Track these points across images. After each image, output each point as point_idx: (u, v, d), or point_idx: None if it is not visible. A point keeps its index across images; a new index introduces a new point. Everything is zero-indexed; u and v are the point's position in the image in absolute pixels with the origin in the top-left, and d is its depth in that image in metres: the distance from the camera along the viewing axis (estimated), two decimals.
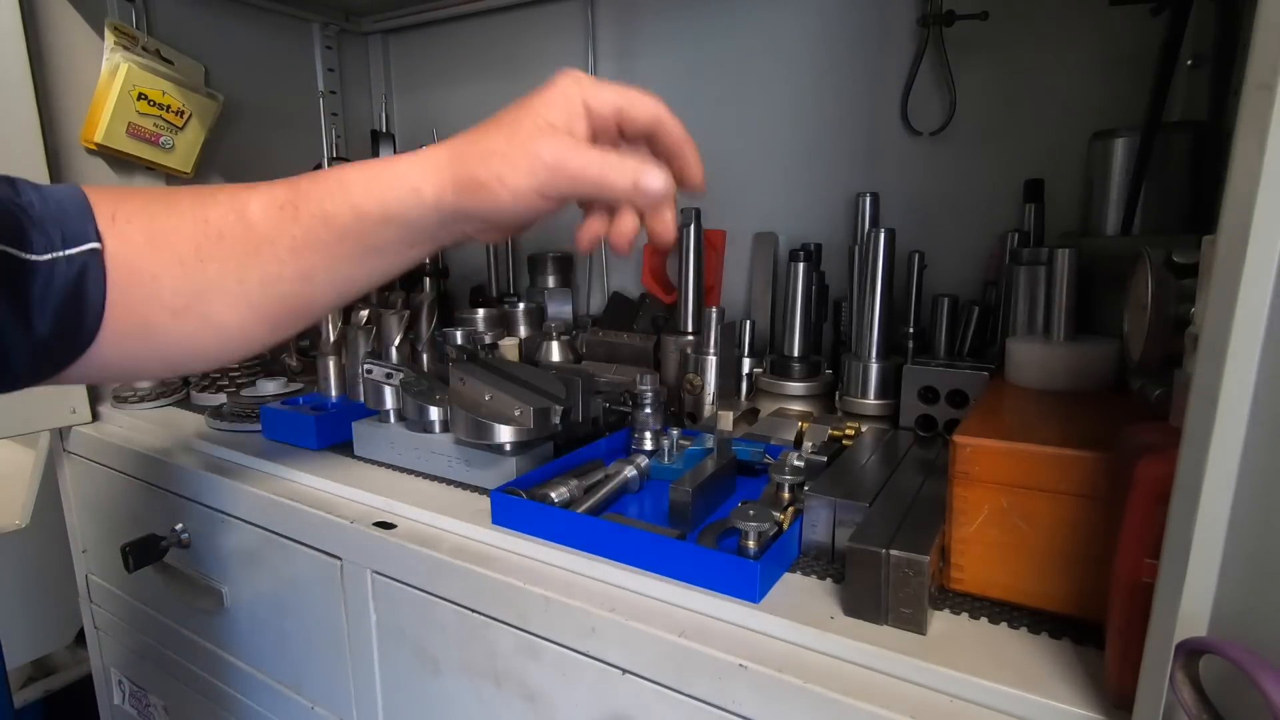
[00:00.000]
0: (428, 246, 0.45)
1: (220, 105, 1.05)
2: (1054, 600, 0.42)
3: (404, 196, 0.41)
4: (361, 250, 0.43)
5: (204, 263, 0.40)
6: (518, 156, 0.40)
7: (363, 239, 0.42)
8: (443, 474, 0.67)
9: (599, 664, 0.48)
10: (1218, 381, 0.27)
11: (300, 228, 0.41)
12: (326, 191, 0.41)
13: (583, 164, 0.40)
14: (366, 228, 0.42)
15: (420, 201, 0.41)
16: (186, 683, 0.84)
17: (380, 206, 0.41)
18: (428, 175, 0.41)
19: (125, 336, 0.40)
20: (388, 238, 0.42)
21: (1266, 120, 0.25)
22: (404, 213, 0.41)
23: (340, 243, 0.42)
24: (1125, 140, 0.65)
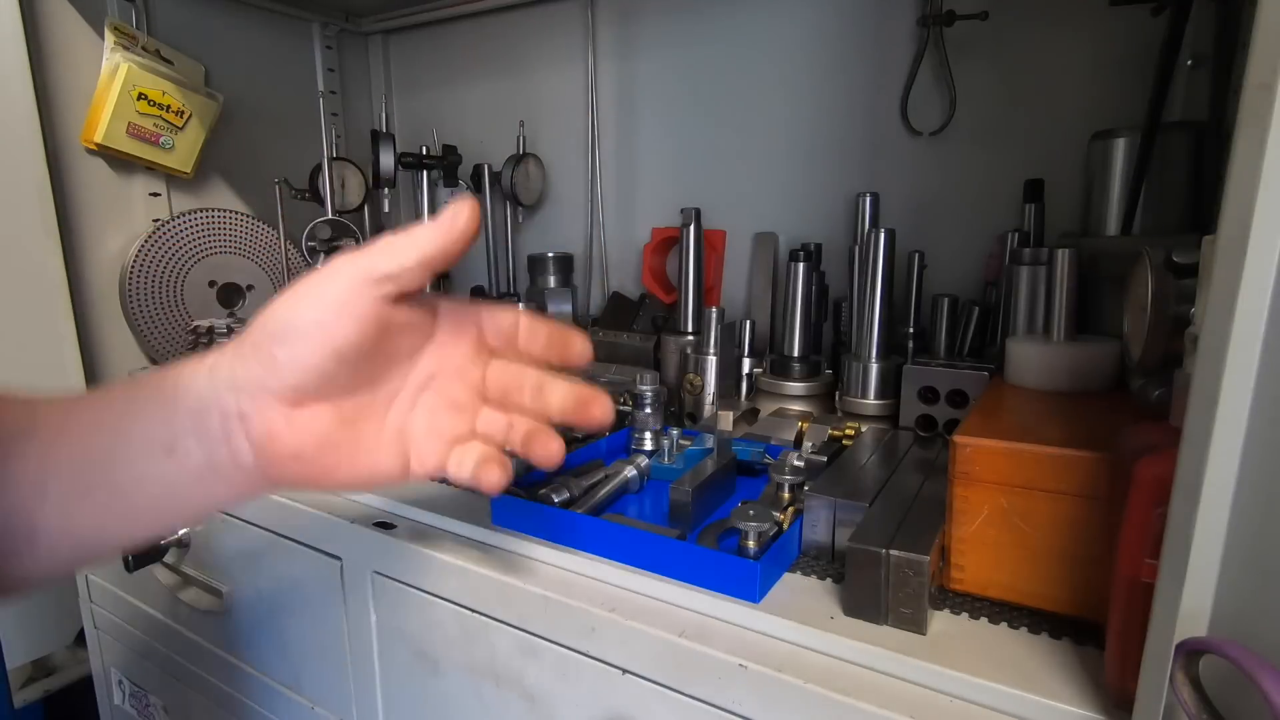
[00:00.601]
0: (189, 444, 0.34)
1: (220, 105, 1.05)
2: (1054, 600, 0.42)
3: (180, 366, 0.36)
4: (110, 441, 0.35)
5: None
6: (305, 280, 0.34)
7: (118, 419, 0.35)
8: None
9: (599, 664, 0.48)
10: (1218, 381, 0.27)
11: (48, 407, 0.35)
12: (95, 390, 0.36)
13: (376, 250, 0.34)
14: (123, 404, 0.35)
15: (196, 364, 0.35)
16: (186, 683, 0.84)
17: (149, 381, 0.36)
18: (218, 350, 0.35)
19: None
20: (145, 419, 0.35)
21: (1266, 120, 0.25)
22: (171, 380, 0.35)
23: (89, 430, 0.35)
24: (1125, 140, 0.65)
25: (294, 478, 0.35)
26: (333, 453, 0.35)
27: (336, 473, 0.35)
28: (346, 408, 0.35)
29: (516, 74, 1.19)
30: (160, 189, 1.03)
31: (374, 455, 0.36)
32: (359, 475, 0.36)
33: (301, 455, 0.34)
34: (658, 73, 1.07)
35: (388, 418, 0.36)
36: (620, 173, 1.14)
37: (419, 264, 0.33)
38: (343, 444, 0.35)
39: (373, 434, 0.36)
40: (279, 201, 1.02)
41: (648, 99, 1.09)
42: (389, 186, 1.08)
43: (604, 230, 1.16)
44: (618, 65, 1.10)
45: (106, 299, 0.97)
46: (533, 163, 1.15)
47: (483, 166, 1.13)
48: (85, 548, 0.35)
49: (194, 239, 1.03)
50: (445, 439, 0.37)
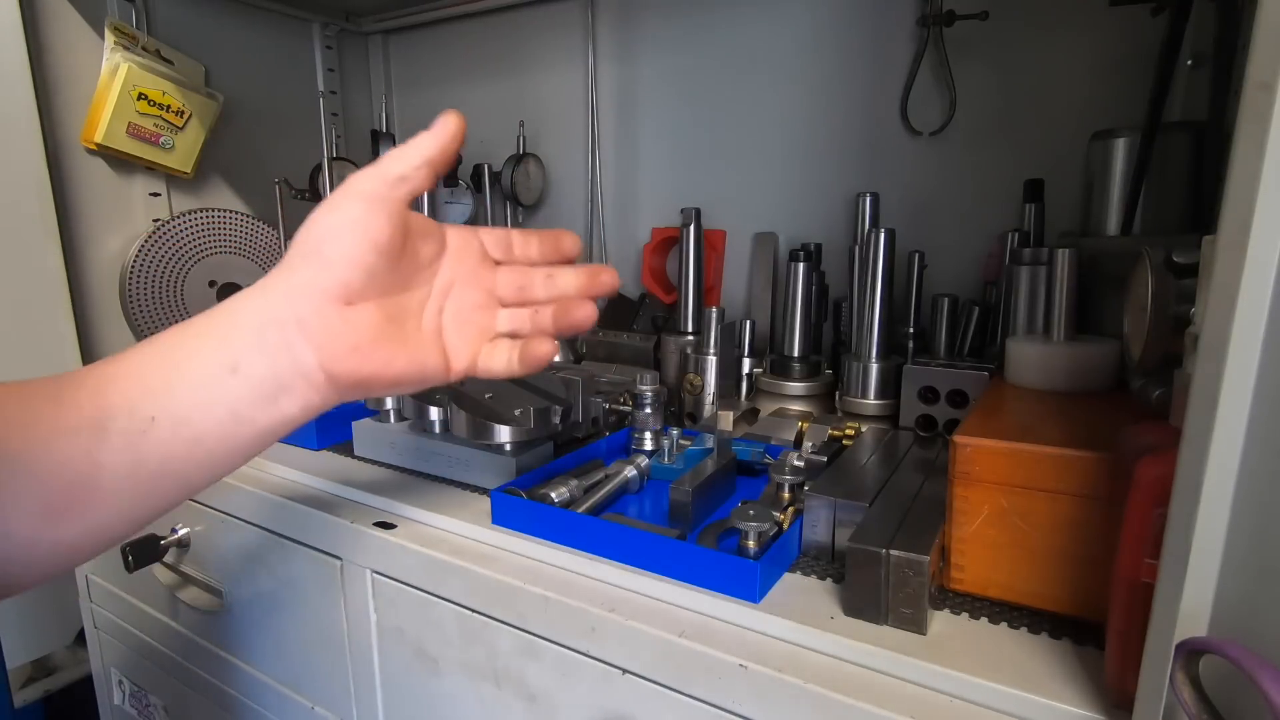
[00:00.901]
0: (252, 358, 0.36)
1: (220, 105, 1.05)
2: (1054, 600, 0.42)
3: (234, 296, 0.38)
4: (170, 368, 0.36)
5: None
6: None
7: (175, 348, 0.37)
8: (443, 474, 0.67)
9: (599, 664, 0.48)
10: (1218, 381, 0.27)
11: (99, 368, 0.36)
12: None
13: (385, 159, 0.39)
14: (181, 333, 0.37)
15: (247, 290, 0.38)
16: (186, 683, 0.84)
17: (207, 313, 0.38)
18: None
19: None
20: (205, 340, 0.37)
21: (1266, 120, 0.25)
22: (227, 306, 0.38)
23: (143, 363, 0.36)
24: (1125, 140, 0.65)
25: (356, 373, 0.37)
26: (386, 344, 0.38)
27: (395, 363, 0.38)
28: (389, 305, 0.38)
29: (516, 74, 1.19)
30: (160, 189, 1.03)
31: (420, 351, 0.39)
32: (413, 368, 0.39)
33: (360, 347, 0.37)
34: (658, 73, 1.07)
35: (423, 318, 0.40)
36: (620, 173, 1.13)
37: (425, 164, 0.38)
38: (393, 337, 0.38)
39: (414, 331, 0.40)
40: (279, 201, 1.02)
41: (648, 99, 1.09)
42: None
43: (604, 230, 1.16)
44: (618, 65, 1.10)
45: (106, 299, 0.97)
46: (533, 163, 1.15)
47: (483, 166, 1.13)
48: (152, 492, 0.35)
49: (194, 239, 1.03)
50: (473, 338, 0.42)
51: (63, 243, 0.88)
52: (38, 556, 0.33)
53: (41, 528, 0.33)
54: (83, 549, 0.34)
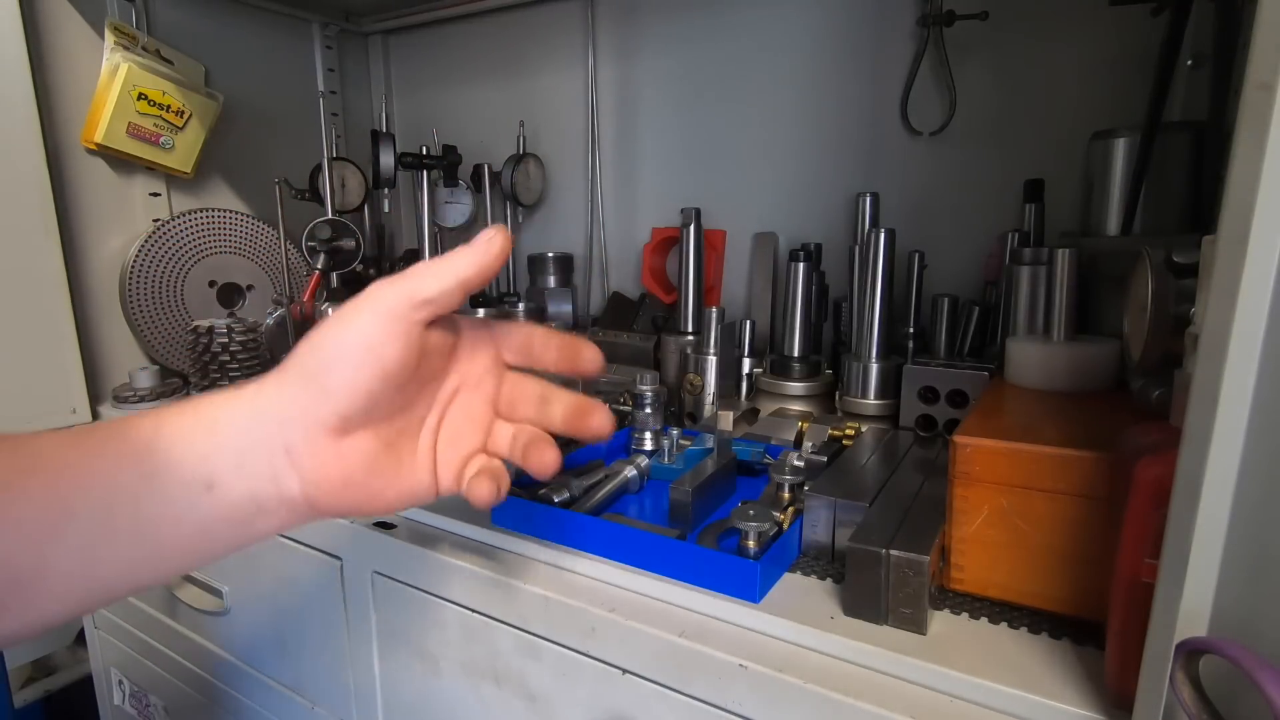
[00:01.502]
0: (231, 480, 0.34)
1: (220, 105, 1.05)
2: (1054, 600, 0.42)
3: (221, 396, 0.35)
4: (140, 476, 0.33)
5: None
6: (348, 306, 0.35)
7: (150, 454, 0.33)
8: None
9: (599, 664, 0.48)
10: (1218, 381, 0.27)
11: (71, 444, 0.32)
12: (140, 414, 0.35)
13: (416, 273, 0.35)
14: (160, 436, 0.34)
15: (237, 396, 0.35)
16: (186, 683, 0.84)
17: (189, 408, 0.35)
18: (256, 382, 0.35)
19: None
20: (184, 450, 0.34)
21: (1266, 120, 0.25)
22: (213, 411, 0.34)
23: (117, 461, 0.33)
24: (1125, 140, 0.65)
25: (342, 505, 0.35)
26: (379, 477, 0.35)
27: (384, 495, 0.36)
28: (387, 432, 0.35)
29: (516, 74, 1.20)
30: (160, 189, 1.03)
31: (413, 475, 0.37)
32: (402, 496, 0.37)
33: (351, 482, 0.35)
34: (658, 72, 1.07)
35: (420, 439, 0.37)
36: (620, 173, 1.13)
37: (458, 287, 0.34)
38: (387, 467, 0.36)
39: (409, 454, 0.37)
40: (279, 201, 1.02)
41: (648, 99, 1.09)
42: (389, 186, 1.08)
43: (604, 230, 1.16)
44: (618, 65, 1.10)
45: (106, 299, 0.97)
46: (533, 163, 1.15)
47: (483, 166, 1.13)
48: (102, 592, 0.33)
49: (194, 239, 1.03)
50: (463, 454, 0.38)
51: (63, 243, 0.88)
52: None
53: None
54: (14, 639, 0.32)
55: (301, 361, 0.34)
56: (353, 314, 0.33)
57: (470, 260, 0.34)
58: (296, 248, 1.07)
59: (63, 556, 0.30)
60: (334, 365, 0.33)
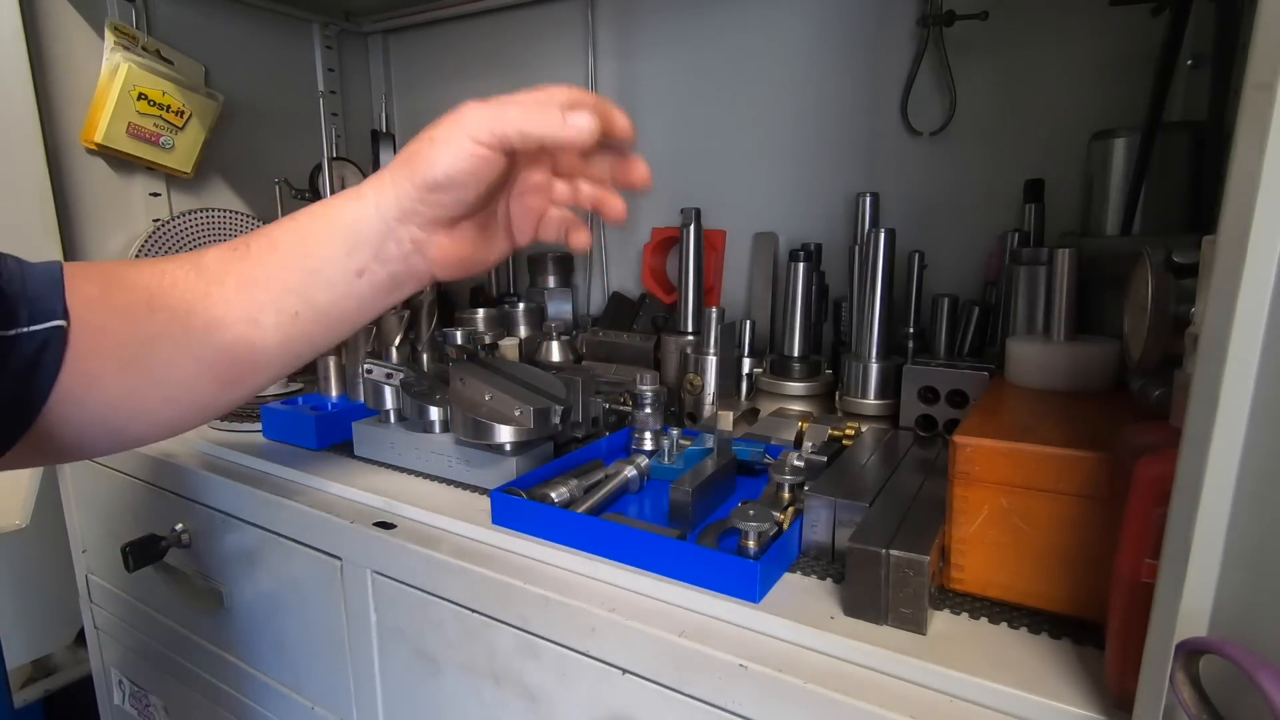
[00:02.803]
0: (374, 267, 0.45)
1: (220, 105, 1.05)
2: (1054, 600, 0.42)
3: (345, 202, 0.45)
4: (306, 274, 0.44)
5: (154, 311, 0.41)
6: (447, 123, 0.44)
7: (307, 257, 0.44)
8: (443, 474, 0.67)
9: (599, 664, 0.48)
10: (1218, 381, 0.27)
11: (249, 261, 0.43)
12: (277, 225, 0.45)
13: (510, 113, 0.44)
14: (309, 243, 0.44)
15: (360, 202, 0.44)
16: (186, 683, 0.84)
17: (323, 216, 0.44)
18: (369, 183, 0.45)
19: (69, 400, 0.39)
20: (332, 250, 0.44)
21: (1266, 120, 0.25)
22: (346, 218, 0.44)
23: (285, 269, 0.44)
24: (1125, 140, 0.65)
25: (459, 273, 0.48)
26: (483, 249, 0.48)
27: (487, 260, 0.49)
28: (481, 218, 0.48)
29: (517, 74, 1.19)
30: (160, 189, 1.03)
31: (502, 242, 0.50)
32: (493, 258, 0.50)
33: (464, 259, 0.47)
34: (658, 72, 1.07)
35: (498, 213, 0.49)
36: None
37: (535, 141, 0.43)
38: (486, 241, 0.49)
39: (497, 228, 0.50)
40: (279, 201, 1.02)
41: (648, 99, 1.09)
42: None
43: (604, 230, 1.16)
44: (618, 65, 1.10)
45: None
46: None
47: None
48: (294, 361, 0.47)
49: (194, 239, 1.03)
50: (534, 216, 0.51)
51: (63, 243, 0.88)
52: (212, 413, 0.46)
53: (219, 394, 0.44)
54: (242, 402, 0.46)
55: (411, 167, 0.43)
56: (452, 136, 0.42)
57: (549, 132, 0.43)
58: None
59: (263, 339, 0.44)
60: (444, 185, 0.43)
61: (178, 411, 0.44)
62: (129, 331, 0.40)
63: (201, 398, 0.44)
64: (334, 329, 0.47)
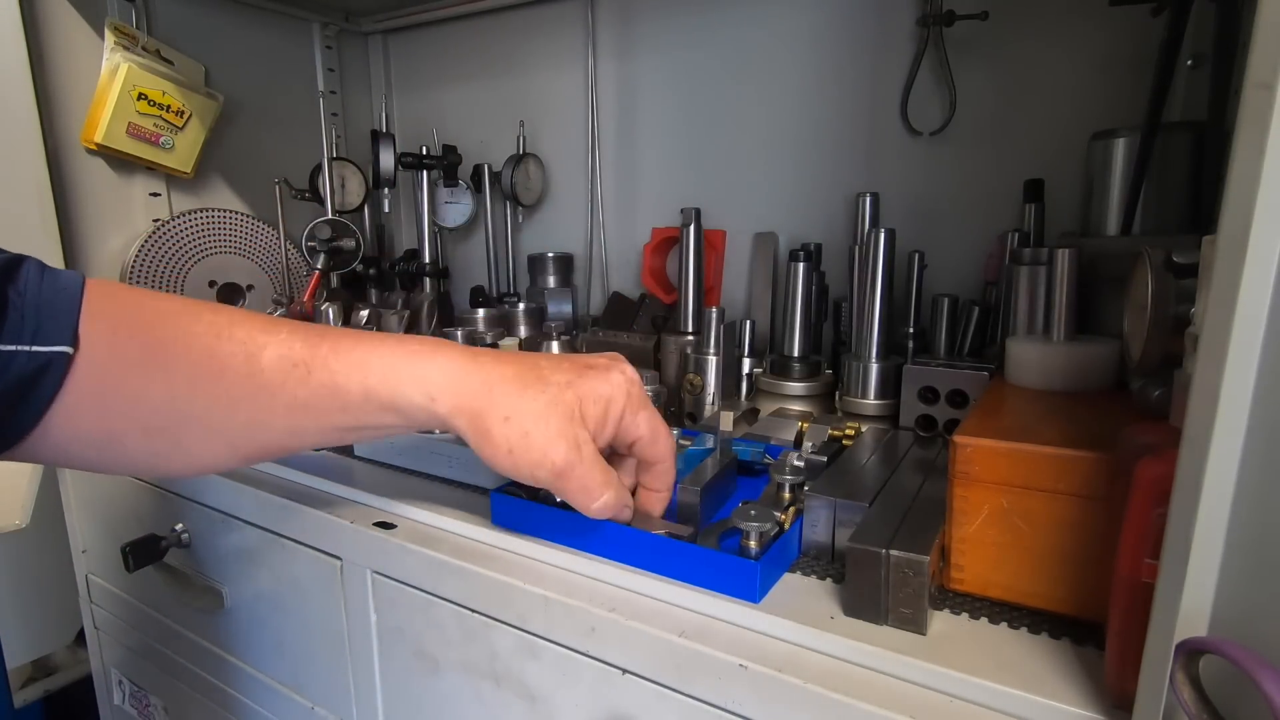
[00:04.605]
0: (411, 430, 0.45)
1: (220, 105, 1.05)
2: (1054, 600, 0.42)
3: (417, 399, 0.41)
4: (356, 420, 0.42)
5: (195, 396, 0.39)
6: (540, 440, 0.41)
7: (362, 417, 0.42)
8: (443, 474, 0.67)
9: (599, 664, 0.48)
10: (1218, 381, 0.27)
11: (306, 391, 0.40)
12: (346, 366, 0.41)
13: (575, 485, 0.43)
14: (369, 411, 0.42)
15: (429, 410, 0.42)
16: (186, 683, 0.84)
17: (392, 398, 0.41)
18: (447, 393, 0.41)
19: (86, 442, 0.38)
20: (384, 422, 0.43)
21: (1266, 120, 0.25)
22: (411, 412, 0.42)
23: (341, 412, 0.42)
24: (1125, 140, 0.65)
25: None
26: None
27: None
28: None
29: (516, 74, 1.19)
30: (160, 189, 1.03)
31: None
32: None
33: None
34: (658, 72, 1.07)
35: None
36: (620, 173, 1.13)
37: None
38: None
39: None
40: (279, 201, 1.02)
41: (648, 99, 1.09)
42: (389, 186, 1.08)
43: (604, 230, 1.16)
44: (618, 65, 1.10)
45: None
46: (533, 163, 1.15)
47: (483, 166, 1.13)
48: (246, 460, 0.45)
49: (194, 239, 1.03)
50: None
51: (63, 243, 0.88)
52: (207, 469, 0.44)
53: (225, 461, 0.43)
54: (168, 467, 0.43)
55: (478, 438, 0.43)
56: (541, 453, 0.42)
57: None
58: (296, 248, 1.07)
59: (305, 445, 0.44)
60: (479, 456, 0.44)
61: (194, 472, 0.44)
62: (165, 406, 0.39)
63: (221, 468, 0.44)
64: (357, 442, 0.52)
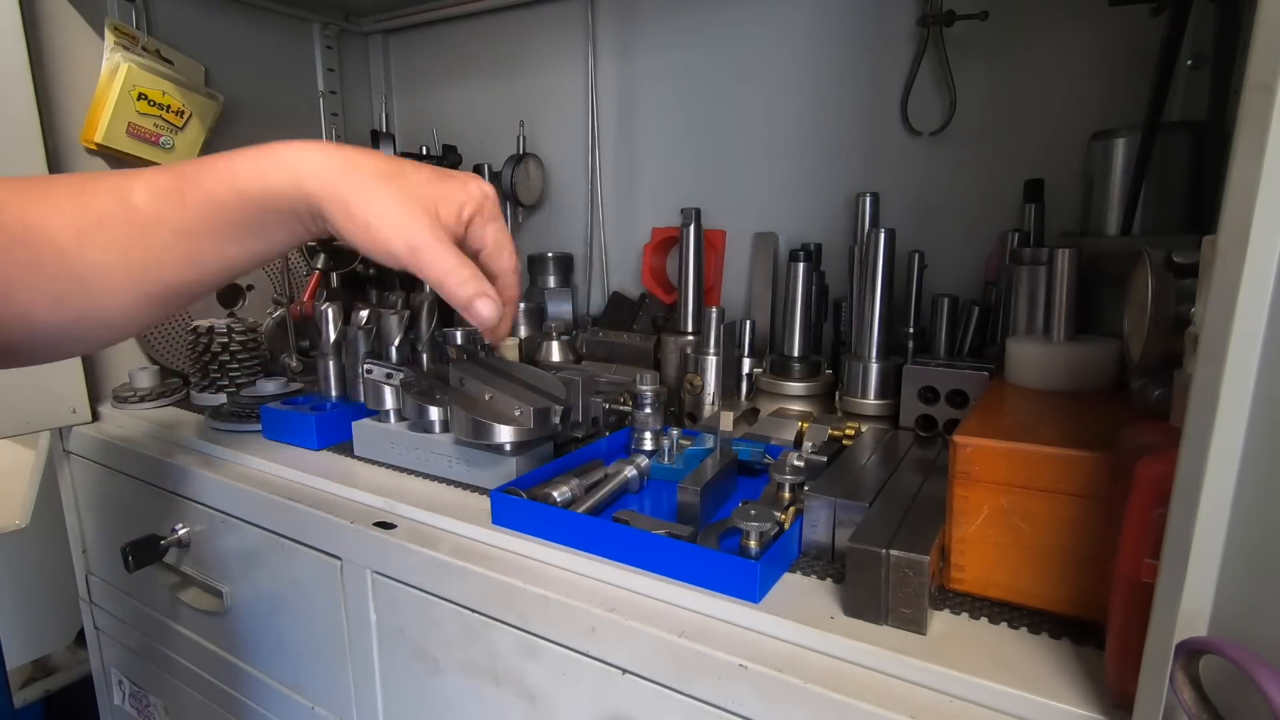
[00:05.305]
0: (299, 233, 0.46)
1: (220, 105, 1.05)
2: (1054, 600, 0.42)
3: (285, 186, 0.43)
4: (243, 232, 0.44)
5: (84, 249, 0.39)
6: (396, 219, 0.43)
7: (244, 221, 0.43)
8: (443, 474, 0.67)
9: (599, 664, 0.48)
10: (1218, 381, 0.27)
11: (186, 213, 0.42)
12: (214, 178, 0.43)
13: (437, 262, 0.43)
14: (248, 211, 0.43)
15: (299, 192, 0.43)
16: (186, 683, 0.84)
17: (264, 192, 0.43)
18: (312, 175, 0.43)
19: (6, 328, 0.39)
20: (265, 220, 0.44)
21: (1266, 120, 0.25)
22: (283, 199, 0.43)
23: (225, 226, 0.43)
24: (1125, 140, 0.65)
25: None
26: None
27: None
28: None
29: (516, 74, 1.19)
30: None
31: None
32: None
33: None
34: (658, 72, 1.07)
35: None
36: (620, 173, 1.14)
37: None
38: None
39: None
40: None
41: (648, 99, 1.09)
42: None
43: (604, 230, 1.16)
44: (618, 65, 1.10)
45: None
46: (533, 163, 1.15)
47: (483, 166, 1.13)
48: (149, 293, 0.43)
49: None
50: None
51: None
52: (127, 327, 0.43)
53: (141, 311, 0.42)
54: (87, 337, 0.42)
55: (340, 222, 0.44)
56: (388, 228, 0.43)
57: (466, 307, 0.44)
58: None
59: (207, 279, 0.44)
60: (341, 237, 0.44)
61: (116, 334, 0.44)
62: (60, 267, 0.39)
63: (140, 321, 0.43)
64: (263, 261, 0.48)
